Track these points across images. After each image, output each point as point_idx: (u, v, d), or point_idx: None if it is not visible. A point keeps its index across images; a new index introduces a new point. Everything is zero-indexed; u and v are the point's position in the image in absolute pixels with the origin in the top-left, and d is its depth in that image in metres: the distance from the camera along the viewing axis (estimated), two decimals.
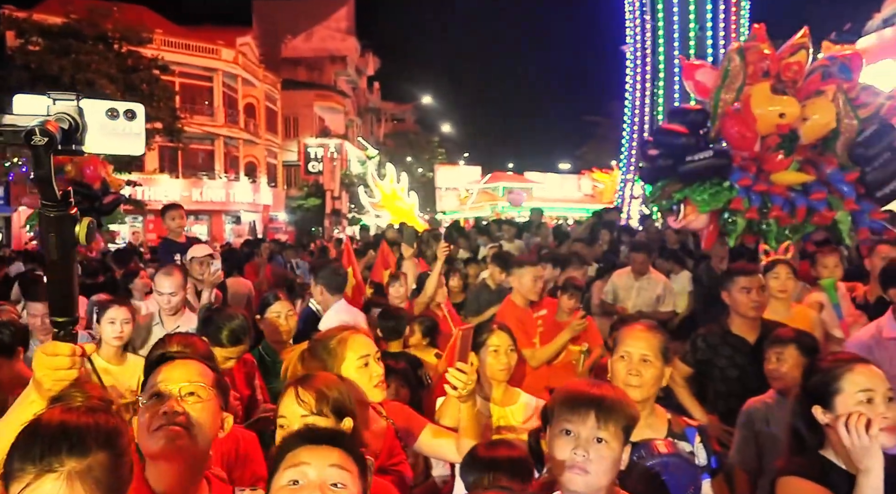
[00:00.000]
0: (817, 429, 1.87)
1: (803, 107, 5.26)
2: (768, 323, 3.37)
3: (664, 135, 5.69)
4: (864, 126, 5.32)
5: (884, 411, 1.76)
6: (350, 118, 41.71)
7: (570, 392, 1.67)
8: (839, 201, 5.23)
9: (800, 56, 5.57)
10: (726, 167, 5.30)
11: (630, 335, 2.26)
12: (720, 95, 5.45)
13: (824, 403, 1.83)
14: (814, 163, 5.35)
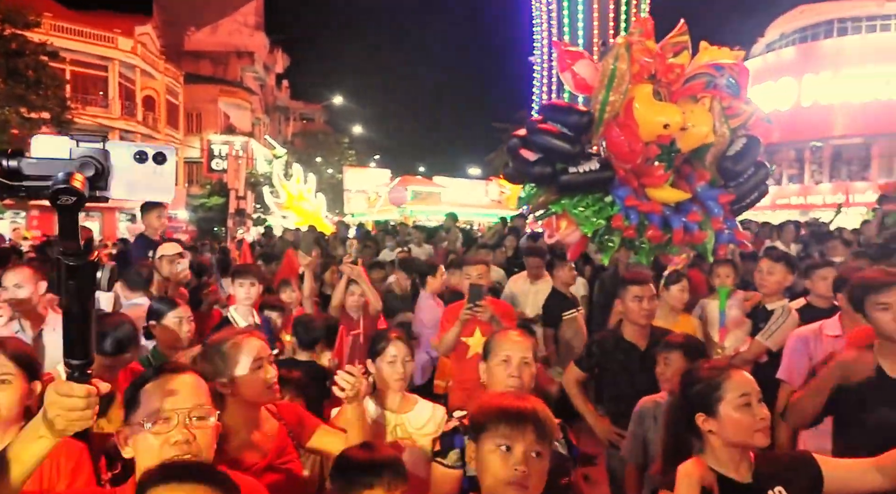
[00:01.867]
0: (697, 436, 1.96)
1: (683, 115, 4.76)
2: (657, 330, 3.54)
3: (544, 137, 4.81)
4: (734, 137, 4.95)
5: (759, 412, 1.89)
6: (257, 116, 40.54)
7: (504, 407, 1.68)
8: (708, 220, 4.85)
9: (682, 58, 5.10)
10: (610, 181, 4.74)
11: (508, 339, 2.39)
12: (608, 98, 4.76)
13: (707, 410, 1.92)
14: (686, 178, 4.94)
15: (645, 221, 4.64)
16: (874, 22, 29.55)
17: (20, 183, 1.12)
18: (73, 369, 1.27)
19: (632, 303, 3.48)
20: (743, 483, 1.88)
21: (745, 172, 4.92)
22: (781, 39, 33.07)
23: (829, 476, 1.90)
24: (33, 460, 1.31)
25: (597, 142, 4.95)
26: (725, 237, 4.91)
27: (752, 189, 4.99)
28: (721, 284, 4.62)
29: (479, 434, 1.69)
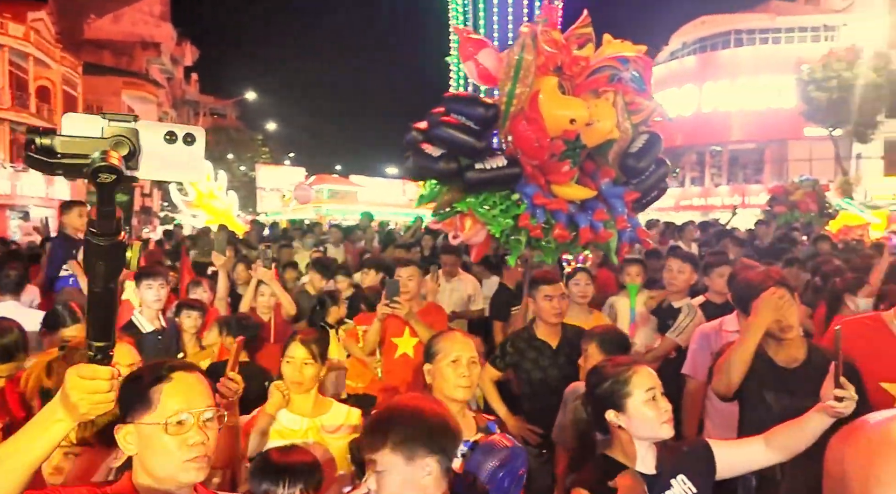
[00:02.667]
0: (604, 432, 2.03)
1: (589, 110, 4.54)
2: (568, 328, 3.63)
3: (448, 130, 4.51)
4: (636, 134, 4.81)
5: (663, 405, 1.97)
6: (164, 110, 38.85)
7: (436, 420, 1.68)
8: (613, 218, 4.71)
9: (587, 50, 4.86)
10: (518, 178, 4.53)
11: (455, 340, 2.41)
12: (514, 90, 4.48)
13: (616, 406, 1.98)
14: (591, 175, 4.77)
15: (552, 220, 4.49)
16: (766, 35, 31.62)
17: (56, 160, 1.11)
18: (95, 351, 1.27)
19: (543, 302, 3.55)
20: (649, 475, 1.95)
21: (647, 169, 4.83)
22: (684, 48, 34.81)
23: (721, 459, 2.02)
24: (49, 446, 1.29)
25: (503, 137, 4.73)
26: (628, 236, 4.85)
27: (653, 186, 4.95)
28: (631, 282, 4.79)
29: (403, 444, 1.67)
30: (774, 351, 2.64)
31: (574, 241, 4.61)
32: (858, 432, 0.78)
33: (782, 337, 2.60)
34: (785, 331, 2.59)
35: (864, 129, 25.85)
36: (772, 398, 2.58)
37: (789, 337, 2.60)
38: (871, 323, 2.70)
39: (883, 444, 0.72)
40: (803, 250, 8.35)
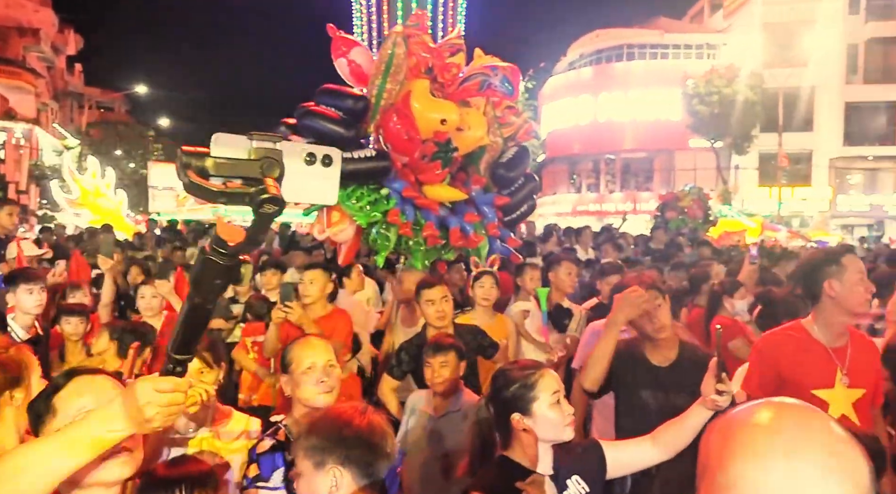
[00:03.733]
0: (506, 435, 2.04)
1: (460, 116, 4.64)
2: (461, 328, 3.70)
3: (315, 119, 4.45)
4: (506, 146, 4.99)
5: (567, 408, 2.03)
6: (43, 101, 36.08)
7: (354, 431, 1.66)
8: (482, 225, 4.79)
9: (458, 58, 4.97)
10: (387, 172, 4.50)
11: (309, 346, 2.37)
12: (385, 85, 4.50)
13: (522, 410, 2.01)
14: (461, 179, 4.86)
15: (421, 219, 4.50)
16: (656, 50, 33.44)
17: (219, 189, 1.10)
18: (175, 363, 1.26)
19: (426, 307, 3.58)
20: (547, 476, 1.99)
21: (516, 180, 4.99)
22: (581, 59, 36.22)
23: (612, 458, 2.09)
24: (93, 454, 1.28)
25: (372, 131, 4.73)
26: (498, 248, 4.93)
27: (523, 200, 5.09)
28: (534, 285, 4.92)
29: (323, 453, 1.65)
30: (649, 350, 2.80)
31: (446, 246, 4.63)
32: (727, 414, 0.84)
33: (656, 337, 2.76)
34: (658, 332, 2.75)
35: (741, 142, 27.89)
36: (647, 395, 2.73)
37: (662, 337, 2.76)
38: (794, 334, 2.72)
39: (740, 423, 0.78)
40: (688, 254, 8.90)
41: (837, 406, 2.55)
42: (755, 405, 0.84)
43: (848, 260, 2.65)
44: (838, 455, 0.75)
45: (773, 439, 0.77)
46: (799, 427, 0.78)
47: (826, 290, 2.62)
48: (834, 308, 2.62)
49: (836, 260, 2.65)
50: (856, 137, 30.75)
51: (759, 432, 0.78)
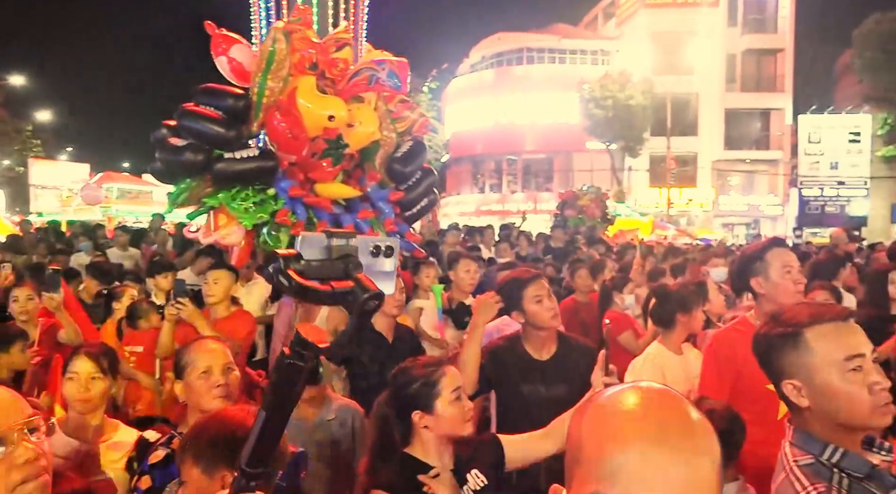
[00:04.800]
0: (407, 432, 2.04)
1: (349, 112, 4.61)
2: (399, 325, 3.82)
3: (194, 120, 4.34)
4: (401, 141, 4.98)
5: (467, 404, 2.05)
6: None
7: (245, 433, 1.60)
8: (380, 221, 4.79)
9: (345, 53, 4.90)
10: (273, 171, 4.41)
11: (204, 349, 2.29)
12: (266, 82, 4.41)
13: (424, 407, 2.01)
14: (354, 176, 4.84)
15: (314, 218, 4.47)
16: (554, 54, 34.54)
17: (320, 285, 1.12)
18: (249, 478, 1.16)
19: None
20: (444, 471, 2.00)
21: (413, 175, 5.01)
22: (483, 61, 36.85)
23: (510, 452, 2.13)
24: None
25: (256, 129, 4.64)
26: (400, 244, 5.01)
27: (422, 194, 5.12)
28: (431, 283, 4.97)
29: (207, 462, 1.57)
30: (529, 345, 2.88)
31: None
32: (595, 401, 0.87)
33: (547, 326, 2.83)
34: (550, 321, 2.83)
35: (633, 145, 29.29)
36: (527, 388, 2.80)
37: (552, 326, 2.84)
38: (742, 329, 2.69)
39: (612, 409, 0.81)
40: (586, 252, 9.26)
41: None
42: (619, 392, 0.84)
43: (772, 256, 2.63)
44: (702, 437, 0.79)
45: (646, 427, 0.78)
46: (666, 413, 0.80)
47: (755, 287, 2.64)
48: (767, 303, 2.62)
49: (759, 257, 2.65)
50: (735, 142, 33.03)
51: (632, 420, 0.79)
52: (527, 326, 2.91)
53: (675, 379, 3.25)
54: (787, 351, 1.53)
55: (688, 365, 3.32)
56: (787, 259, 2.62)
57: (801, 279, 2.61)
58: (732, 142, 32.95)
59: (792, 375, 1.52)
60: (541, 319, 2.83)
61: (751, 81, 33.27)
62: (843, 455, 1.43)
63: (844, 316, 1.51)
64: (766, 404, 2.41)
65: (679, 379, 3.23)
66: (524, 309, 2.84)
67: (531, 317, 2.85)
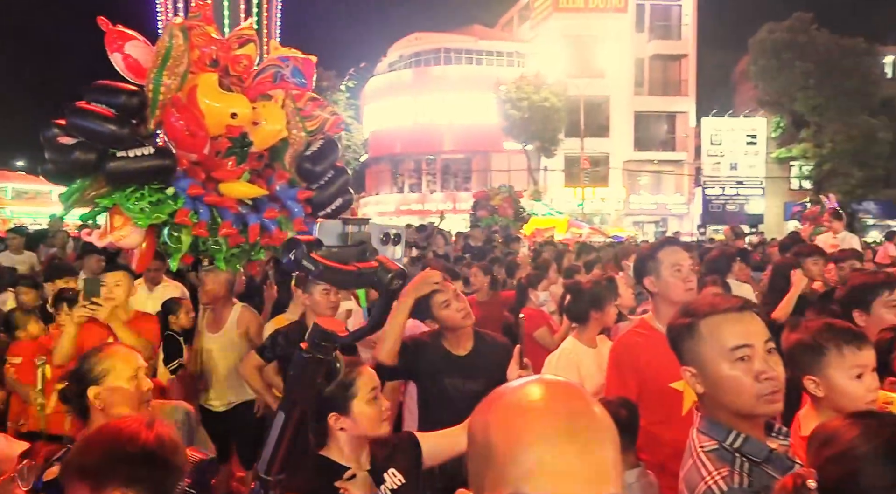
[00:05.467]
0: (322, 434, 2.00)
1: (254, 110, 4.52)
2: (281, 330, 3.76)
3: (84, 118, 4.19)
4: (312, 139, 4.90)
5: (384, 403, 2.04)
6: None
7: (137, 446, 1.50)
8: (289, 221, 4.69)
9: (249, 49, 4.77)
10: (170, 170, 4.26)
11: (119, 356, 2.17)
12: (161, 79, 4.26)
13: (340, 409, 1.97)
14: (263, 175, 4.76)
15: (218, 218, 4.34)
16: (471, 55, 34.93)
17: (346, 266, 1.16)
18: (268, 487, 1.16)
19: (319, 297, 3.62)
20: (361, 472, 1.97)
21: (324, 174, 4.95)
22: (401, 61, 36.81)
23: (427, 449, 2.13)
24: None
25: (153, 127, 4.46)
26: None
27: (336, 194, 5.05)
28: None
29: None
30: (448, 341, 2.93)
31: (254, 248, 4.54)
32: (498, 400, 0.84)
33: (461, 325, 2.87)
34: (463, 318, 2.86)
35: (548, 146, 30.03)
36: (448, 383, 2.85)
37: (464, 326, 2.88)
38: (643, 332, 2.74)
39: (519, 407, 0.79)
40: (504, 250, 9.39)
41: (691, 394, 2.60)
42: (523, 390, 0.83)
43: (663, 254, 2.68)
44: (606, 428, 0.81)
45: (557, 422, 0.78)
46: (573, 406, 0.81)
47: (648, 286, 2.71)
48: (661, 302, 2.68)
49: (652, 256, 2.70)
50: (643, 143, 34.44)
51: (543, 416, 0.79)
52: (441, 328, 2.96)
53: (589, 373, 3.32)
54: (685, 340, 1.59)
55: (601, 359, 3.39)
56: (677, 258, 2.67)
57: (691, 277, 2.67)
58: (641, 143, 34.34)
59: (689, 362, 1.59)
60: (452, 322, 2.87)
61: (658, 85, 34.77)
62: (744, 440, 1.48)
63: (739, 308, 1.56)
64: (672, 402, 2.48)
65: (593, 373, 3.30)
66: (435, 316, 2.90)
67: (443, 322, 2.89)
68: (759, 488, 1.41)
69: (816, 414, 1.86)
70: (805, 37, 29.11)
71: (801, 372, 1.85)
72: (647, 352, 2.63)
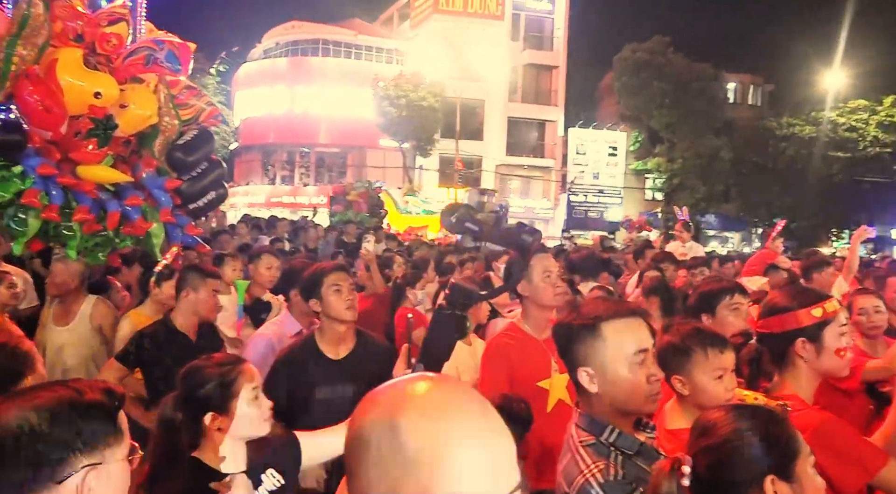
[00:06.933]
0: (196, 435, 1.92)
1: (122, 92, 4.29)
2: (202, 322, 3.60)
3: None
4: (185, 129, 4.73)
5: (265, 403, 1.98)
6: None
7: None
8: (155, 211, 4.49)
9: (119, 28, 4.52)
10: (17, 146, 3.97)
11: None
12: (14, 48, 3.98)
13: (219, 408, 1.90)
14: (129, 162, 4.52)
15: (74, 202, 4.06)
16: (350, 49, 34.51)
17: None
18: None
19: (205, 295, 3.49)
20: (238, 473, 1.92)
21: (197, 165, 4.81)
22: (277, 48, 35.64)
23: (307, 448, 2.09)
24: None
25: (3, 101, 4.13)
26: (180, 237, 4.71)
27: (209, 187, 4.91)
28: (237, 277, 4.68)
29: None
30: (324, 344, 2.84)
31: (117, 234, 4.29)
32: (378, 395, 0.84)
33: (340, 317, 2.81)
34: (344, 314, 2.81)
35: (424, 145, 30.33)
36: (324, 390, 2.77)
37: (345, 318, 2.81)
38: (512, 334, 2.87)
39: (437, 408, 0.79)
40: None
41: (555, 392, 2.75)
42: (429, 388, 0.81)
43: (535, 260, 2.83)
44: (503, 426, 0.83)
45: (477, 419, 0.80)
46: (481, 403, 0.83)
47: (520, 291, 2.84)
48: (531, 305, 2.83)
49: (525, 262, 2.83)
50: (515, 148, 35.70)
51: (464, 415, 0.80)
52: (323, 319, 2.86)
53: (466, 368, 3.41)
54: (585, 341, 1.65)
55: (476, 355, 3.50)
56: (547, 264, 2.84)
57: (560, 283, 2.92)
58: (513, 148, 35.58)
59: (587, 363, 1.64)
60: (335, 310, 2.79)
61: (530, 93, 36.19)
62: (618, 435, 1.60)
63: (637, 313, 1.68)
64: (539, 399, 2.64)
65: (469, 368, 3.39)
66: (321, 297, 2.81)
67: (327, 307, 2.81)
68: (631, 479, 1.51)
69: (681, 410, 2.04)
70: (663, 59, 31.48)
71: (670, 371, 1.99)
72: (516, 354, 2.79)
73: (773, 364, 2.09)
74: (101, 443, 1.18)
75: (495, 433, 0.81)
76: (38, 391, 1.20)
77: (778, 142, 31.97)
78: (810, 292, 2.11)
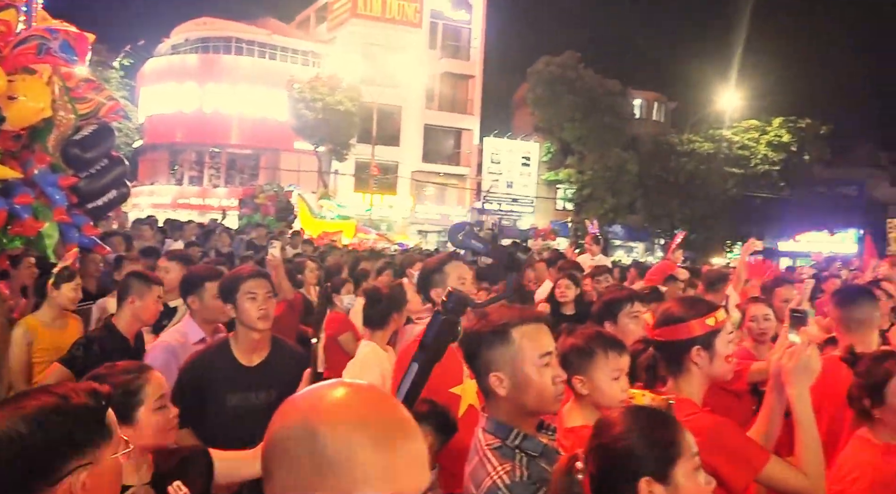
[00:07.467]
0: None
1: (11, 83, 4.09)
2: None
3: None
4: (82, 123, 4.53)
5: (172, 412, 1.97)
6: None
7: None
8: (48, 209, 4.30)
9: (8, 15, 4.31)
10: None
11: None
12: None
13: (123, 418, 1.80)
14: (19, 158, 4.30)
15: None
16: (264, 49, 33.71)
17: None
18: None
19: (151, 303, 3.41)
20: (143, 485, 1.85)
21: (96, 162, 4.64)
22: (186, 44, 34.33)
23: (221, 466, 2.06)
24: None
25: None
26: (76, 238, 4.50)
27: (109, 185, 4.74)
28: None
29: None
30: (238, 351, 2.80)
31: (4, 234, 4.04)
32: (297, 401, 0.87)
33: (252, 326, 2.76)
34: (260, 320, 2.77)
35: (340, 149, 30.02)
36: (235, 397, 2.72)
37: (256, 327, 2.77)
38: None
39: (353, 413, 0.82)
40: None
41: (467, 397, 2.79)
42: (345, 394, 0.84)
43: (450, 268, 2.88)
44: (418, 430, 0.86)
45: (393, 424, 0.83)
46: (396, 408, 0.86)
47: (434, 298, 2.84)
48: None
49: (439, 269, 2.89)
50: (431, 155, 35.95)
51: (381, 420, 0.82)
52: (237, 325, 2.82)
53: (388, 374, 3.42)
54: (495, 346, 1.72)
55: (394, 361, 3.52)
56: (461, 271, 2.91)
57: (472, 290, 2.93)
58: (429, 155, 35.81)
59: (498, 368, 1.71)
60: (249, 318, 2.76)
61: (447, 102, 36.56)
62: (523, 438, 1.67)
63: (541, 319, 1.77)
64: (451, 406, 2.68)
65: (390, 374, 3.40)
66: (236, 304, 2.77)
67: (241, 314, 2.77)
68: (535, 479, 1.58)
69: (579, 409, 2.14)
70: (574, 73, 32.62)
71: (571, 372, 2.09)
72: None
73: (667, 370, 2.21)
74: (90, 444, 1.23)
75: (409, 438, 0.83)
76: (23, 399, 1.24)
77: (679, 157, 33.76)
78: (702, 303, 2.25)
